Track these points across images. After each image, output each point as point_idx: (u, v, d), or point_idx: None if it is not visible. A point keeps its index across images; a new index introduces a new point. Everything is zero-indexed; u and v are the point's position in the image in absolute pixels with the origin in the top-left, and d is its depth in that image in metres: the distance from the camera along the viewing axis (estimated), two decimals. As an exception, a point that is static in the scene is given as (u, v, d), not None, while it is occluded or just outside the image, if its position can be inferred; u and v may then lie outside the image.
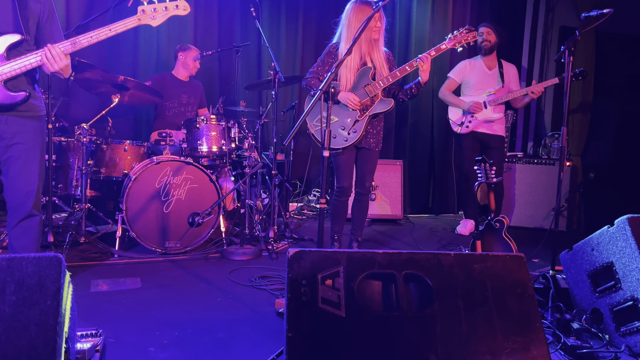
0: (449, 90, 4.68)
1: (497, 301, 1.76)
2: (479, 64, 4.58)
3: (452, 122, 4.66)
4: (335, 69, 2.28)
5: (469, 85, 4.60)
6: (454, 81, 4.67)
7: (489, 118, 4.49)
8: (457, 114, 4.61)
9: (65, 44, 2.32)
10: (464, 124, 4.51)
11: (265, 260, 3.54)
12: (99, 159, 3.80)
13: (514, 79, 4.62)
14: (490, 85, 4.51)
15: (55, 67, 2.31)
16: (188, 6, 2.46)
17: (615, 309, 2.32)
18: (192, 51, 4.48)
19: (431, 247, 4.23)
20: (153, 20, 2.41)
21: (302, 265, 1.75)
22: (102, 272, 3.13)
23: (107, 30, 2.37)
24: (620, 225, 2.33)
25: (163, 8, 2.41)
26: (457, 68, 4.69)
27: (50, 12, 2.46)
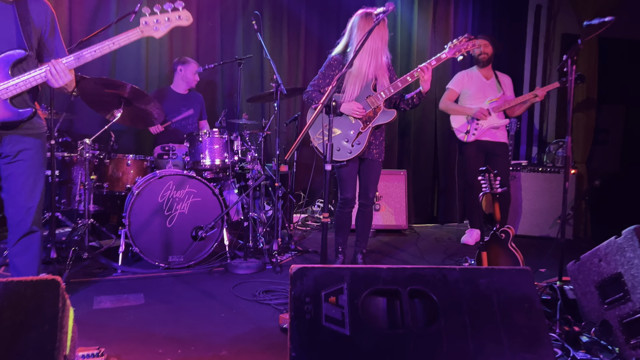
0: (450, 100, 4.71)
1: (504, 317, 1.72)
2: (476, 74, 4.64)
3: (456, 130, 4.64)
4: (336, 83, 2.26)
5: (469, 95, 4.63)
6: (454, 91, 4.71)
7: (494, 125, 4.50)
8: (461, 122, 4.60)
9: (69, 59, 2.32)
10: (469, 131, 4.52)
11: (270, 273, 3.52)
12: (102, 174, 3.80)
13: (509, 88, 4.68)
14: (490, 94, 4.55)
15: (60, 82, 2.31)
16: (190, 16, 2.44)
17: (625, 320, 2.28)
18: (192, 65, 4.48)
19: (437, 257, 4.19)
20: (156, 32, 2.39)
21: (305, 282, 1.72)
22: (105, 288, 3.12)
23: (110, 43, 2.36)
24: (628, 235, 2.30)
25: (165, 19, 2.39)
26: (456, 79, 4.73)
27: (53, 25, 2.46)
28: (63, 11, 4.47)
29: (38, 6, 2.39)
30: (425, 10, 5.73)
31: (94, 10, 4.61)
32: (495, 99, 4.50)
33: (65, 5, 4.49)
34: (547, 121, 6.21)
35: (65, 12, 4.49)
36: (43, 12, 2.40)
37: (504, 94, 4.58)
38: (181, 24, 2.40)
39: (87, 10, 4.59)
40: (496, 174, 3.14)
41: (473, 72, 4.68)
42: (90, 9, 4.60)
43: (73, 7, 4.55)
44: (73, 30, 4.54)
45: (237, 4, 5.18)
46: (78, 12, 4.57)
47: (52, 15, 2.44)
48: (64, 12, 4.48)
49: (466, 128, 4.56)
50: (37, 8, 2.38)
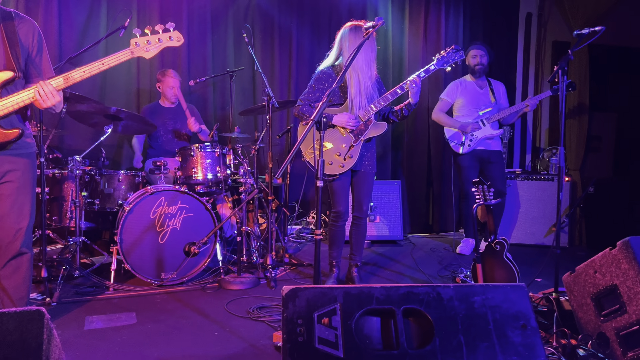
0: (442, 112, 4.69)
1: (499, 335, 1.70)
2: (469, 84, 4.63)
3: (450, 141, 4.63)
4: (326, 99, 2.25)
5: (462, 105, 4.62)
6: (447, 102, 4.69)
7: (489, 135, 4.50)
8: (456, 134, 4.60)
9: (58, 79, 2.29)
10: (464, 143, 4.52)
11: (264, 288, 3.48)
12: (93, 190, 3.76)
13: (503, 97, 4.67)
14: (483, 103, 4.55)
15: (48, 103, 2.28)
16: (181, 37, 2.45)
17: (622, 333, 2.26)
18: (167, 79, 4.42)
19: (432, 268, 4.17)
20: (146, 53, 2.39)
21: (297, 304, 1.70)
22: (96, 307, 3.07)
23: (99, 64, 2.34)
24: (623, 247, 2.28)
25: (156, 40, 2.39)
26: (449, 89, 4.71)
27: (40, 45, 2.43)
28: (52, 27, 4.46)
29: (25, 26, 2.37)
30: (416, 21, 5.74)
31: (83, 26, 4.59)
32: (489, 109, 4.52)
33: (54, 21, 4.47)
34: (539, 128, 6.22)
35: (54, 28, 4.47)
36: (30, 31, 2.38)
37: (497, 103, 4.58)
38: (172, 44, 2.40)
39: (76, 26, 4.58)
40: (489, 185, 3.12)
41: (466, 82, 4.66)
42: (79, 25, 4.59)
43: (63, 23, 4.53)
44: (63, 46, 4.52)
45: (227, 17, 5.18)
46: (67, 28, 4.55)
47: (39, 34, 2.42)
48: (54, 28, 4.46)
49: (461, 139, 4.55)
50: (24, 28, 2.36)
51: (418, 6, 5.74)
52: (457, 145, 4.56)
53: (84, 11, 4.61)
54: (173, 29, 2.38)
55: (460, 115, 4.63)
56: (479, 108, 4.54)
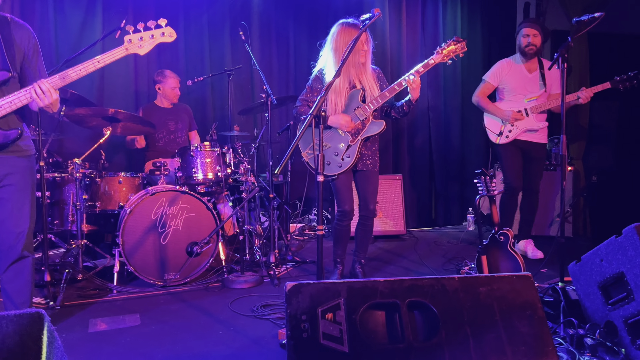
0: (483, 95, 4.18)
1: (506, 325, 1.68)
2: (517, 67, 4.09)
3: (489, 131, 4.18)
4: (324, 92, 2.23)
5: (507, 90, 4.11)
6: (490, 85, 4.17)
7: (531, 127, 4.03)
8: (494, 122, 4.14)
9: (54, 78, 2.29)
10: (503, 133, 4.06)
11: (268, 286, 3.47)
12: (94, 193, 3.75)
13: (555, 82, 4.07)
14: (530, 91, 4.03)
15: (45, 101, 2.29)
16: (174, 32, 2.47)
17: (630, 321, 2.24)
18: (169, 80, 4.40)
19: (436, 262, 4.15)
20: (140, 49, 2.41)
21: (301, 300, 1.68)
22: (100, 309, 3.06)
23: (95, 62, 2.36)
24: (629, 234, 2.26)
25: (149, 36, 2.41)
26: (495, 70, 4.17)
27: (35, 49, 2.45)
28: (48, 30, 4.44)
29: (21, 31, 2.39)
30: (413, 14, 5.71)
31: (79, 28, 4.57)
32: (535, 96, 4.00)
33: (50, 25, 4.45)
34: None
35: (50, 30, 4.45)
36: (26, 37, 2.40)
37: (546, 91, 4.03)
38: (165, 40, 2.41)
39: (72, 29, 4.55)
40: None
41: (514, 64, 4.11)
42: (75, 28, 4.56)
43: (58, 26, 4.51)
44: (59, 49, 4.50)
45: (224, 15, 5.15)
46: (63, 31, 4.53)
47: (35, 40, 2.44)
48: (50, 31, 4.45)
49: (499, 129, 4.08)
50: (20, 32, 2.38)
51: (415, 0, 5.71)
52: (494, 135, 4.11)
53: (80, 14, 4.58)
54: (165, 24, 2.40)
55: (503, 102, 4.15)
56: (525, 95, 4.03)
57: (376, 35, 5.37)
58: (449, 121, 5.89)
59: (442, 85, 5.80)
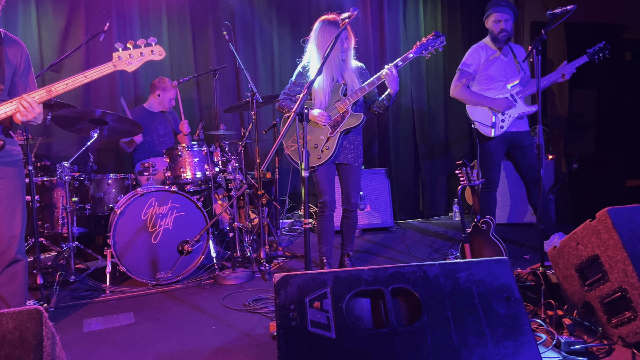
0: (464, 86, 3.91)
1: (485, 308, 1.77)
2: (493, 52, 3.88)
3: (479, 124, 3.85)
4: (307, 90, 2.29)
5: (485, 77, 3.87)
6: (468, 73, 3.91)
7: (522, 113, 3.81)
8: (484, 113, 3.83)
9: (41, 92, 2.32)
10: (496, 124, 3.79)
11: (259, 281, 3.53)
12: (84, 195, 3.79)
13: (525, 64, 3.93)
14: (510, 75, 3.83)
15: (29, 117, 2.31)
16: (163, 51, 2.50)
17: (605, 301, 2.34)
18: (171, 92, 4.47)
19: (423, 252, 4.24)
20: (129, 66, 2.44)
21: (289, 290, 1.75)
22: (94, 310, 3.11)
23: (82, 77, 2.39)
24: (602, 217, 2.36)
25: (139, 54, 2.43)
26: (470, 57, 3.92)
27: (27, 64, 2.51)
28: (32, 35, 4.46)
29: (14, 47, 2.44)
30: (394, 10, 5.78)
31: (62, 32, 4.59)
32: (516, 81, 3.81)
33: (34, 30, 4.47)
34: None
35: (34, 35, 4.47)
36: (19, 52, 2.45)
37: (524, 73, 3.87)
38: (154, 58, 2.44)
39: (56, 33, 4.58)
40: (472, 167, 3.18)
41: (488, 48, 3.90)
42: (59, 31, 4.58)
43: (42, 30, 4.53)
44: (43, 53, 4.52)
45: (207, 16, 5.19)
46: (47, 34, 4.55)
47: (26, 55, 2.49)
48: (33, 37, 4.46)
49: (491, 120, 3.79)
50: (12, 48, 2.43)
51: (396, -5, 5.79)
52: (487, 127, 3.80)
53: (63, 17, 4.60)
54: (155, 43, 2.44)
55: (483, 90, 3.88)
56: (506, 81, 3.83)
57: (358, 31, 5.45)
58: (433, 114, 5.99)
59: (424, 79, 5.89)
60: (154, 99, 4.48)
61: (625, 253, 2.22)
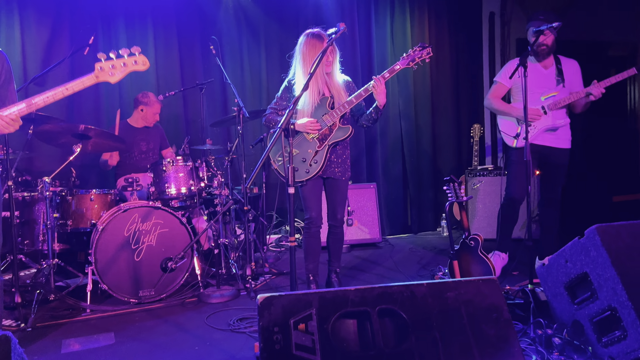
0: (497, 97, 3.88)
1: (473, 328, 1.73)
2: (531, 64, 3.77)
3: (504, 134, 3.85)
4: (292, 106, 2.26)
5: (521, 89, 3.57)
6: (503, 86, 3.87)
7: (551, 126, 3.71)
8: (510, 124, 3.81)
9: (20, 105, 2.25)
10: (519, 135, 3.71)
11: (244, 299, 3.46)
12: (65, 211, 3.70)
13: (576, 78, 3.81)
14: (547, 87, 3.73)
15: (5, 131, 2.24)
16: (147, 61, 2.42)
17: (595, 319, 2.31)
18: (155, 106, 4.39)
19: (411, 268, 4.20)
20: (111, 77, 2.35)
21: (273, 312, 1.70)
22: (74, 329, 3.02)
23: (63, 89, 2.31)
24: (590, 235, 2.34)
25: (121, 64, 2.35)
26: (506, 69, 3.87)
27: (8, 75, 2.44)
28: (15, 47, 4.39)
29: None
30: (382, 25, 5.81)
31: (46, 45, 4.53)
32: (554, 93, 3.70)
33: (17, 43, 4.41)
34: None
35: (17, 48, 4.40)
36: (0, 62, 2.37)
37: (564, 86, 3.73)
38: (138, 68, 2.36)
39: (40, 46, 4.52)
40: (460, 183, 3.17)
41: (528, 61, 3.65)
42: (43, 44, 4.52)
43: (25, 43, 4.47)
44: (27, 66, 4.45)
45: (194, 30, 5.17)
46: (31, 48, 4.49)
47: (7, 65, 2.43)
48: (17, 50, 4.40)
49: (515, 131, 3.74)
50: None
51: (384, 11, 5.81)
52: (510, 138, 3.77)
53: (47, 30, 4.55)
54: (139, 53, 2.36)
55: (518, 101, 3.79)
56: (542, 93, 3.72)
57: (346, 46, 5.46)
58: (420, 129, 5.99)
59: (412, 94, 5.90)
60: (138, 114, 4.41)
61: (614, 271, 2.19)
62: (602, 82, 3.60)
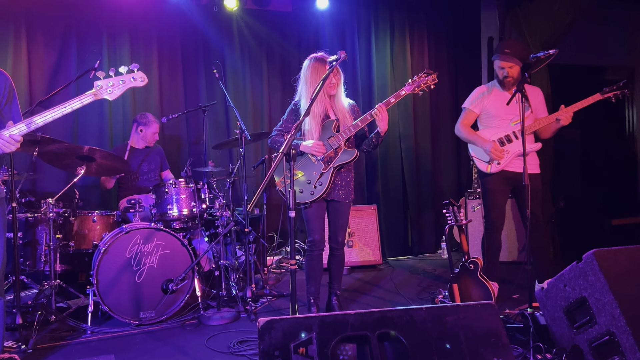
0: (466, 125, 3.90)
1: (472, 354, 1.74)
2: (499, 92, 3.83)
3: (477, 160, 3.85)
4: (294, 132, 2.31)
5: (490, 116, 3.84)
6: (472, 113, 3.88)
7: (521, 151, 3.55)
8: (481, 151, 3.84)
9: (20, 125, 2.29)
10: (492, 160, 3.76)
11: (245, 322, 3.47)
12: (68, 232, 3.72)
13: (540, 104, 3.88)
14: (515, 113, 3.67)
15: (7, 150, 2.27)
16: (145, 77, 2.45)
17: (594, 344, 2.32)
18: (153, 126, 4.44)
19: (412, 291, 4.21)
20: (110, 94, 2.38)
21: (274, 335, 1.72)
22: (74, 351, 3.02)
23: (63, 107, 2.34)
24: (588, 259, 2.37)
25: (120, 82, 2.39)
26: (474, 96, 3.91)
27: (11, 93, 2.48)
28: (22, 71, 4.47)
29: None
30: (382, 49, 5.91)
31: (53, 68, 4.62)
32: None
33: (24, 65, 4.49)
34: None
35: (24, 71, 4.49)
36: (2, 82, 2.44)
37: (532, 112, 3.79)
38: (136, 85, 2.40)
39: (46, 69, 4.60)
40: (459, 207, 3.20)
41: (494, 88, 3.86)
42: (49, 68, 4.61)
43: (32, 67, 4.56)
44: (32, 90, 4.53)
45: (197, 54, 5.27)
46: (37, 71, 4.57)
47: (10, 85, 2.48)
48: (24, 72, 4.48)
49: (488, 157, 3.78)
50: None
51: (384, 35, 5.91)
52: (484, 163, 3.79)
53: (54, 54, 4.64)
54: (137, 69, 2.39)
55: (486, 128, 3.86)
56: (511, 119, 3.76)
57: (347, 69, 5.54)
58: (420, 151, 6.05)
59: (412, 116, 5.97)
60: (137, 135, 4.47)
61: (612, 296, 2.21)
62: (569, 107, 3.63)
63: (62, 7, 4.69)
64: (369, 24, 5.87)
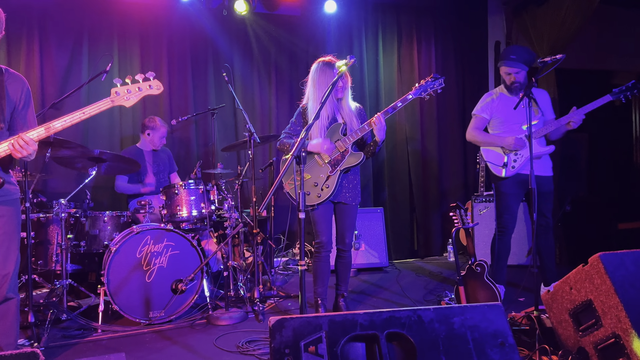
0: (478, 130, 3.93)
1: (479, 353, 1.77)
2: (507, 97, 3.85)
3: (491, 165, 3.84)
4: (305, 134, 2.35)
5: (500, 121, 3.85)
6: (483, 118, 3.91)
7: (537, 153, 3.67)
8: (496, 154, 3.82)
9: (39, 129, 2.34)
10: (508, 164, 3.74)
11: (252, 322, 3.51)
12: (79, 232, 3.78)
13: (548, 107, 3.88)
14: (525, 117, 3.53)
15: (23, 153, 2.31)
16: (161, 85, 2.50)
17: (600, 346, 2.34)
18: (161, 130, 4.50)
19: (418, 293, 4.23)
20: (127, 101, 2.44)
21: (284, 334, 1.75)
22: (85, 349, 3.07)
23: (80, 113, 2.40)
24: (594, 263, 2.39)
25: (137, 89, 2.44)
26: (484, 103, 3.94)
27: (27, 98, 2.52)
28: (34, 73, 4.55)
29: (15, 83, 2.46)
30: (389, 53, 5.95)
31: (65, 71, 4.69)
32: (534, 122, 3.62)
33: (36, 68, 4.57)
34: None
35: (36, 74, 4.56)
36: (19, 87, 2.47)
37: (542, 115, 3.81)
38: (152, 92, 2.45)
39: (58, 72, 4.67)
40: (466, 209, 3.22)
41: (503, 94, 3.88)
42: (61, 71, 4.68)
43: (44, 69, 4.63)
44: (45, 92, 4.60)
45: (207, 57, 5.32)
46: (49, 74, 4.64)
47: (27, 90, 2.51)
48: (36, 75, 4.55)
49: (503, 160, 3.76)
50: (13, 84, 2.45)
51: (391, 40, 5.95)
52: (498, 167, 3.78)
53: (66, 57, 4.71)
54: (153, 77, 2.44)
55: (498, 133, 3.88)
56: (522, 123, 3.74)
57: (355, 74, 5.58)
58: (427, 154, 6.07)
59: (418, 118, 6.00)
60: (145, 138, 4.53)
61: (618, 299, 2.23)
62: (581, 109, 3.63)
63: (74, 10, 4.76)
64: (377, 28, 5.91)
